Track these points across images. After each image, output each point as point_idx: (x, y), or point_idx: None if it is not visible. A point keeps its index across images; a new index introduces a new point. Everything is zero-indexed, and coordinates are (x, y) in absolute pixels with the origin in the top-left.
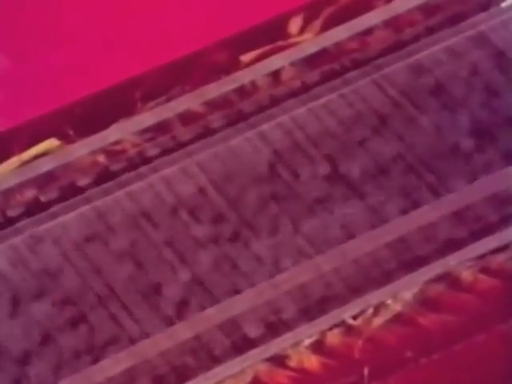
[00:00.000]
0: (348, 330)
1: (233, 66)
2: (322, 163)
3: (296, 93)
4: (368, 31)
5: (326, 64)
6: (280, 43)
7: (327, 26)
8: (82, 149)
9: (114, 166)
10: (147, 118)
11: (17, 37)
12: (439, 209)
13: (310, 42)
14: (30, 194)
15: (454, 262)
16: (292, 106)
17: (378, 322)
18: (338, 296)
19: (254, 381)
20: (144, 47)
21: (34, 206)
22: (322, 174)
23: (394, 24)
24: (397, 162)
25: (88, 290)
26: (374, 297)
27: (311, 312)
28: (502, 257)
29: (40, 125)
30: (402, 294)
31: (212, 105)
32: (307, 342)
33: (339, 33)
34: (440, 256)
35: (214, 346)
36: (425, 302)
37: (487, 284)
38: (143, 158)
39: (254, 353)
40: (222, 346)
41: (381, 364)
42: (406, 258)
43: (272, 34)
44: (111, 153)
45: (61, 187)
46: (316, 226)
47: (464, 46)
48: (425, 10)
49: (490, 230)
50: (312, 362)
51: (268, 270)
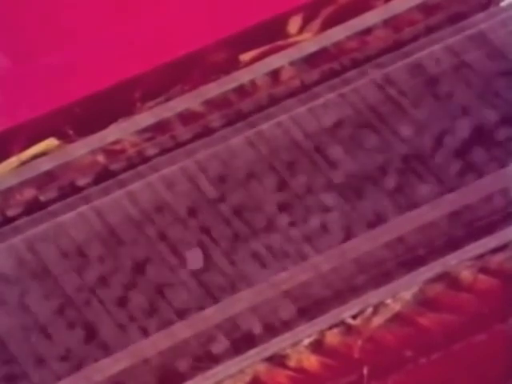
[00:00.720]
0: (347, 329)
1: (232, 65)
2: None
3: (295, 92)
4: (367, 31)
5: (326, 63)
6: (279, 43)
7: (326, 25)
8: (81, 148)
9: (114, 166)
10: (146, 117)
11: (16, 36)
12: (439, 208)
13: (310, 42)
14: (30, 193)
15: (453, 261)
16: (291, 105)
17: (378, 321)
18: (338, 296)
19: (253, 381)
20: (143, 47)
21: (33, 205)
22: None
23: (394, 23)
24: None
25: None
26: (373, 296)
27: (310, 312)
28: (502, 256)
29: (39, 124)
30: (401, 293)
31: (211, 104)
32: (306, 341)
33: (339, 32)
34: (439, 256)
35: (213, 345)
36: (424, 302)
37: (487, 284)
38: (143, 157)
39: (253, 352)
40: (221, 345)
41: (380, 364)
42: (405, 257)
43: (271, 33)
44: (110, 152)
45: (60, 187)
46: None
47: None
48: (424, 9)
49: (489, 230)
50: (311, 361)
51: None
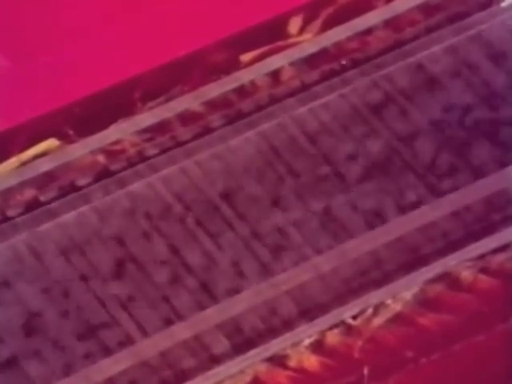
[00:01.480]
0: (348, 329)
1: (232, 65)
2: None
3: (296, 92)
4: (368, 31)
5: (326, 64)
6: (280, 43)
7: (327, 25)
8: (81, 149)
9: (114, 166)
10: (147, 117)
11: (16, 36)
12: (439, 209)
13: (310, 42)
14: (30, 193)
15: (453, 261)
16: (292, 105)
17: (378, 321)
18: (338, 296)
19: (253, 381)
20: (143, 47)
21: (33, 205)
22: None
23: (394, 24)
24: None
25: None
26: (373, 297)
27: (311, 312)
28: (502, 257)
29: (39, 125)
30: (401, 293)
31: (212, 105)
32: (307, 341)
33: (339, 33)
34: (440, 256)
35: (213, 345)
36: (425, 302)
37: (487, 284)
38: (143, 157)
39: (253, 353)
40: (222, 345)
41: (381, 364)
42: (405, 257)
43: (272, 33)
44: (111, 153)
45: (60, 187)
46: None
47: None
48: (425, 9)
49: (489, 230)
50: (312, 361)
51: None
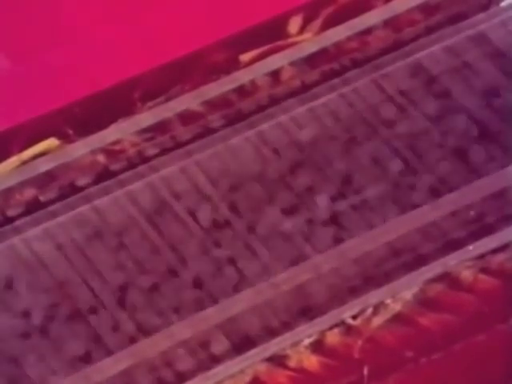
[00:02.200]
0: (348, 329)
1: (232, 65)
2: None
3: (295, 92)
4: (368, 31)
5: (326, 64)
6: (279, 43)
7: (327, 25)
8: (81, 148)
9: (114, 166)
10: (146, 117)
11: (16, 36)
12: (439, 208)
13: (310, 42)
14: (30, 193)
15: (453, 261)
16: (291, 105)
17: (378, 321)
18: (338, 296)
19: (253, 381)
20: (143, 47)
21: (33, 205)
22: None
23: (394, 23)
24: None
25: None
26: (373, 296)
27: (311, 312)
28: (502, 257)
29: (39, 124)
30: (401, 293)
31: (211, 104)
32: (307, 341)
33: (339, 32)
34: (440, 256)
35: (213, 345)
36: (425, 302)
37: (487, 284)
38: (143, 157)
39: (253, 353)
40: (222, 345)
41: (381, 364)
42: (405, 257)
43: (271, 33)
44: (110, 152)
45: (60, 187)
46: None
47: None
48: (425, 9)
49: (489, 230)
50: (311, 361)
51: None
